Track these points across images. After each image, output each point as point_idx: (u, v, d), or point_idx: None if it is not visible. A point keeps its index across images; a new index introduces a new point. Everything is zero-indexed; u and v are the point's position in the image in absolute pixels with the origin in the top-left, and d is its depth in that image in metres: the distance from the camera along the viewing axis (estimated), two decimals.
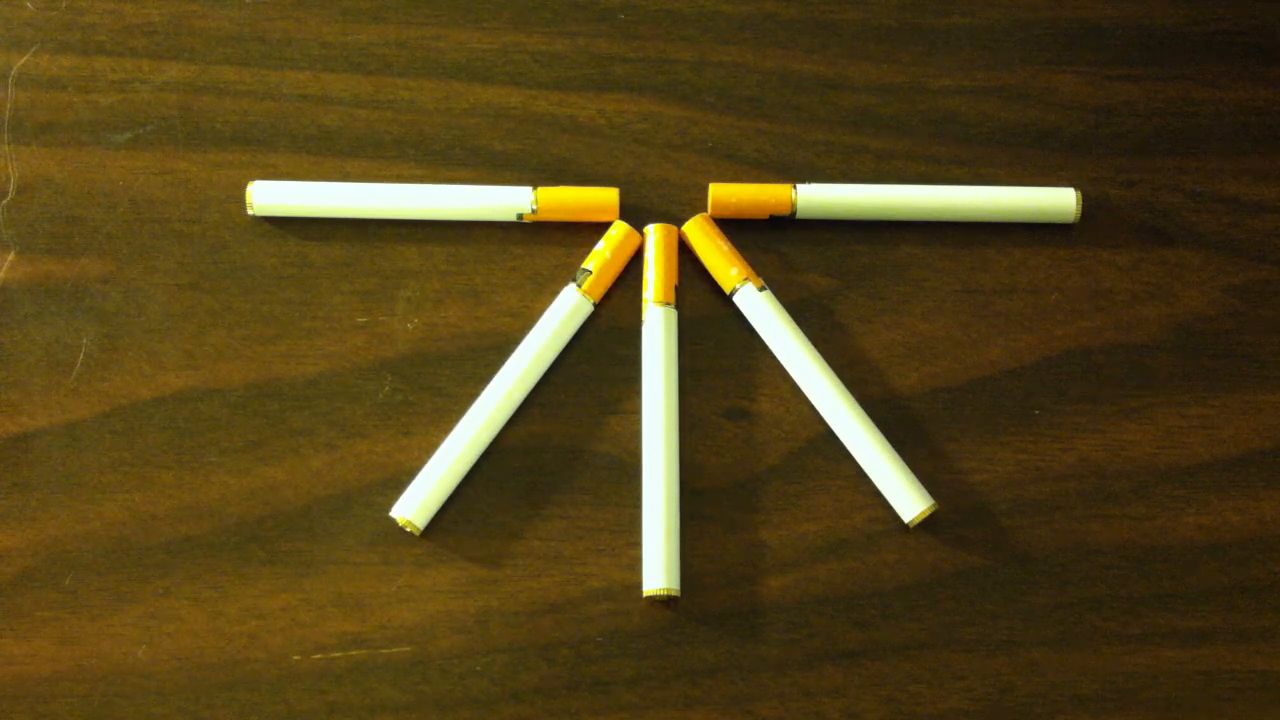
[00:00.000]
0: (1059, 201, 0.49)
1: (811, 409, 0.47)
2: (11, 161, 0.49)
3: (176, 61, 0.51)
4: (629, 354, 0.48)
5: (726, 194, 0.49)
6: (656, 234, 0.48)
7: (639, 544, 0.46)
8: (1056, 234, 0.50)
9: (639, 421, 0.47)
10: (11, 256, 0.49)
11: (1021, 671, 0.46)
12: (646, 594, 0.45)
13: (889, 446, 0.46)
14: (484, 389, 0.47)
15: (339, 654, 0.45)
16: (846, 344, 0.48)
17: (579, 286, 0.48)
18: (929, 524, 0.47)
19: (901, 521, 0.47)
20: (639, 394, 0.47)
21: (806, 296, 0.49)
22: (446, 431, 0.47)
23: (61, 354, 0.48)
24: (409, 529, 0.46)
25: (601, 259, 0.48)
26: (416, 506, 0.46)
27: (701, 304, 0.49)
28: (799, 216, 0.49)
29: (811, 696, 0.45)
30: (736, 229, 0.49)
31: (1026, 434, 0.48)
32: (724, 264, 0.48)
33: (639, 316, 0.49)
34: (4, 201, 0.49)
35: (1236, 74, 0.52)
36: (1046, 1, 0.52)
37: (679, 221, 0.49)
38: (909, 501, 0.46)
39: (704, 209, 0.49)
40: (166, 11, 0.51)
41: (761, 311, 0.48)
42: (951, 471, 0.47)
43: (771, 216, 0.49)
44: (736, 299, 0.48)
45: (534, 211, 0.48)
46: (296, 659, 0.45)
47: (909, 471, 0.46)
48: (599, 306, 0.48)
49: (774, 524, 0.47)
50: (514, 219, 0.49)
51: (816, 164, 0.50)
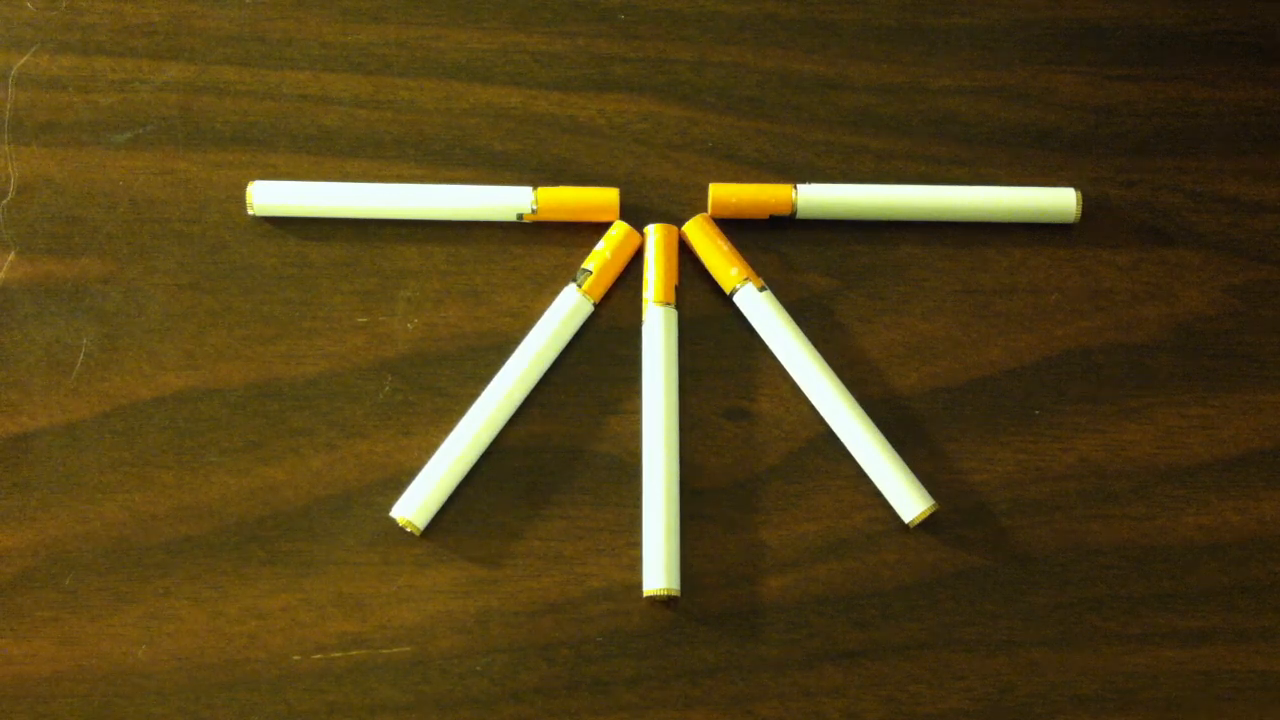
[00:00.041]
0: (1059, 201, 0.49)
1: (811, 409, 0.47)
2: (11, 161, 0.49)
3: (176, 61, 0.51)
4: (629, 354, 0.48)
5: (726, 194, 0.49)
6: (656, 234, 0.48)
7: (639, 544, 0.46)
8: (1056, 234, 0.50)
9: (639, 421, 0.47)
10: (11, 256, 0.49)
11: (1021, 671, 0.46)
12: (646, 594, 0.45)
13: (889, 446, 0.46)
14: (484, 389, 0.47)
15: (339, 654, 0.45)
16: (846, 344, 0.48)
17: (579, 286, 0.48)
18: (929, 524, 0.47)
19: (901, 521, 0.47)
20: (639, 394, 0.47)
21: (806, 296, 0.49)
22: (446, 431, 0.47)
23: (61, 354, 0.48)
24: (409, 529, 0.46)
25: (601, 259, 0.48)
26: (416, 506, 0.46)
27: (701, 304, 0.49)
28: (799, 216, 0.49)
29: (811, 696, 0.45)
30: (736, 229, 0.49)
31: (1026, 434, 0.48)
32: (724, 264, 0.48)
33: (639, 316, 0.49)
34: (4, 201, 0.49)
35: (1236, 74, 0.52)
36: (1046, 1, 0.52)
37: (679, 221, 0.49)
38: (909, 501, 0.46)
39: (704, 209, 0.49)
40: (166, 11, 0.51)
41: (761, 311, 0.48)
42: (951, 471, 0.47)
43: (771, 216, 0.49)
44: (736, 299, 0.48)
45: (534, 211, 0.48)
46: (296, 659, 0.45)
47: (909, 471, 0.46)
48: (599, 306, 0.48)
49: (774, 524, 0.47)
50: (514, 219, 0.49)
51: (816, 164, 0.50)
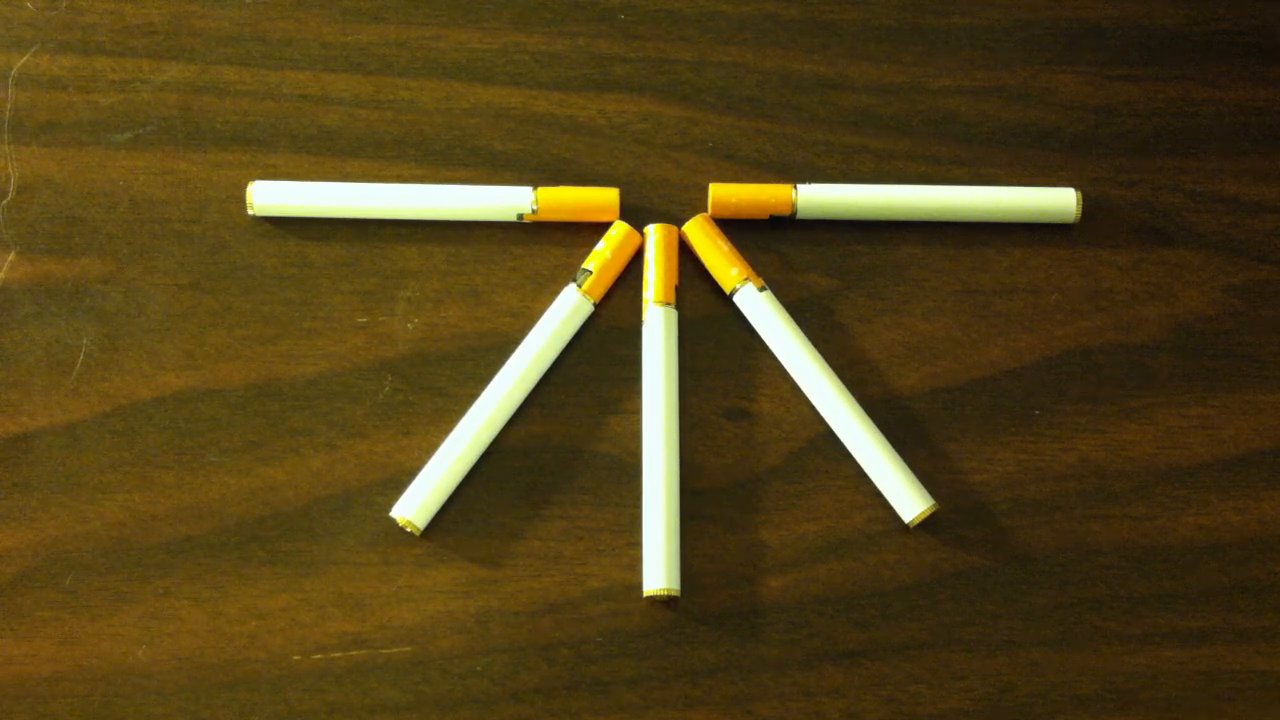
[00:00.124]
0: (1059, 201, 0.49)
1: (811, 409, 0.47)
2: (11, 161, 0.49)
3: (176, 61, 0.51)
4: (629, 354, 0.48)
5: (726, 194, 0.49)
6: (657, 234, 0.48)
7: (639, 544, 0.46)
8: (1056, 234, 0.50)
9: (639, 421, 0.47)
10: (11, 256, 0.49)
11: (1021, 671, 0.46)
12: (646, 594, 0.45)
13: (889, 446, 0.46)
14: (484, 389, 0.47)
15: (339, 654, 0.45)
16: (846, 344, 0.48)
17: (579, 286, 0.48)
18: (929, 524, 0.47)
19: (901, 521, 0.47)
20: (639, 394, 0.47)
21: (806, 296, 0.49)
22: (446, 431, 0.47)
23: (61, 354, 0.48)
24: (409, 529, 0.46)
25: (602, 259, 0.48)
26: (417, 506, 0.46)
27: (701, 304, 0.49)
28: (799, 216, 0.49)
29: (811, 696, 0.45)
30: (736, 229, 0.49)
31: (1026, 434, 0.48)
32: (724, 264, 0.48)
33: (639, 316, 0.49)
34: (4, 201, 0.49)
35: (1236, 74, 0.52)
36: (1046, 1, 0.52)
37: (679, 221, 0.49)
38: (909, 501, 0.46)
39: (704, 209, 0.49)
40: (166, 11, 0.51)
41: (761, 311, 0.48)
42: (951, 471, 0.47)
43: (772, 216, 0.49)
44: (736, 299, 0.48)
45: (534, 211, 0.48)
46: (296, 659, 0.45)
47: (909, 471, 0.46)
48: (599, 306, 0.48)
49: (774, 524, 0.47)
50: (514, 219, 0.49)
51: (816, 164, 0.50)
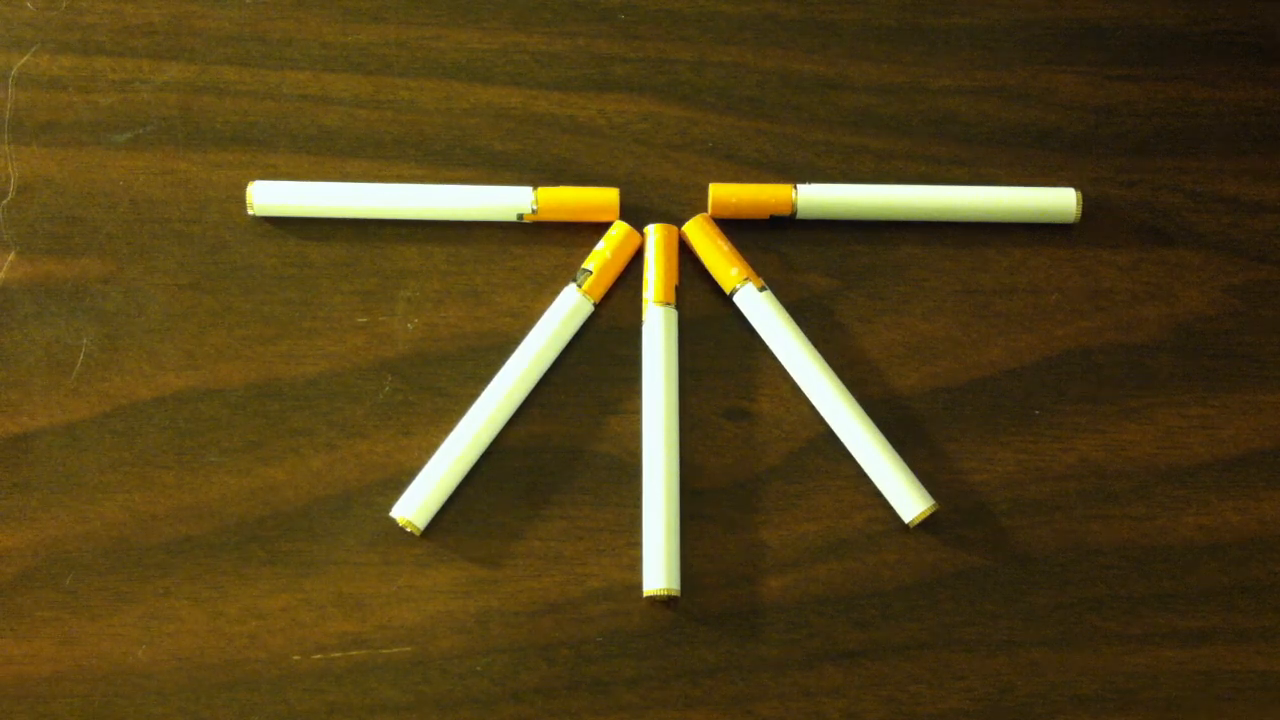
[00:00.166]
0: (1059, 201, 0.49)
1: (811, 409, 0.47)
2: (11, 161, 0.49)
3: (176, 61, 0.51)
4: (629, 354, 0.48)
5: (726, 194, 0.49)
6: (656, 234, 0.48)
7: (639, 544, 0.46)
8: (1056, 234, 0.50)
9: (639, 421, 0.47)
10: (11, 256, 0.49)
11: (1021, 671, 0.46)
12: (646, 594, 0.45)
13: (889, 446, 0.46)
14: (484, 389, 0.47)
15: (339, 654, 0.45)
16: (846, 344, 0.48)
17: (579, 286, 0.48)
18: (929, 524, 0.47)
19: (901, 521, 0.47)
20: (639, 394, 0.47)
21: (806, 296, 0.49)
22: (446, 431, 0.47)
23: (61, 354, 0.48)
24: (409, 529, 0.46)
25: (602, 259, 0.48)
26: (417, 506, 0.46)
27: (701, 304, 0.49)
28: (799, 216, 0.49)
29: (811, 696, 0.45)
30: (736, 229, 0.49)
31: (1026, 434, 0.48)
32: (724, 264, 0.48)
33: (639, 316, 0.49)
34: (4, 201, 0.49)
35: (1236, 74, 0.52)
36: (1046, 1, 0.52)
37: (679, 221, 0.49)
38: (909, 501, 0.46)
39: (704, 209, 0.49)
40: (166, 11, 0.51)
41: (761, 311, 0.48)
42: (951, 471, 0.47)
43: (772, 216, 0.49)
44: (736, 299, 0.48)
45: (534, 211, 0.48)
46: (296, 659, 0.45)
47: (909, 471, 0.46)
48: (599, 306, 0.48)
49: (774, 524, 0.47)
50: (514, 219, 0.49)
51: (816, 164, 0.50)
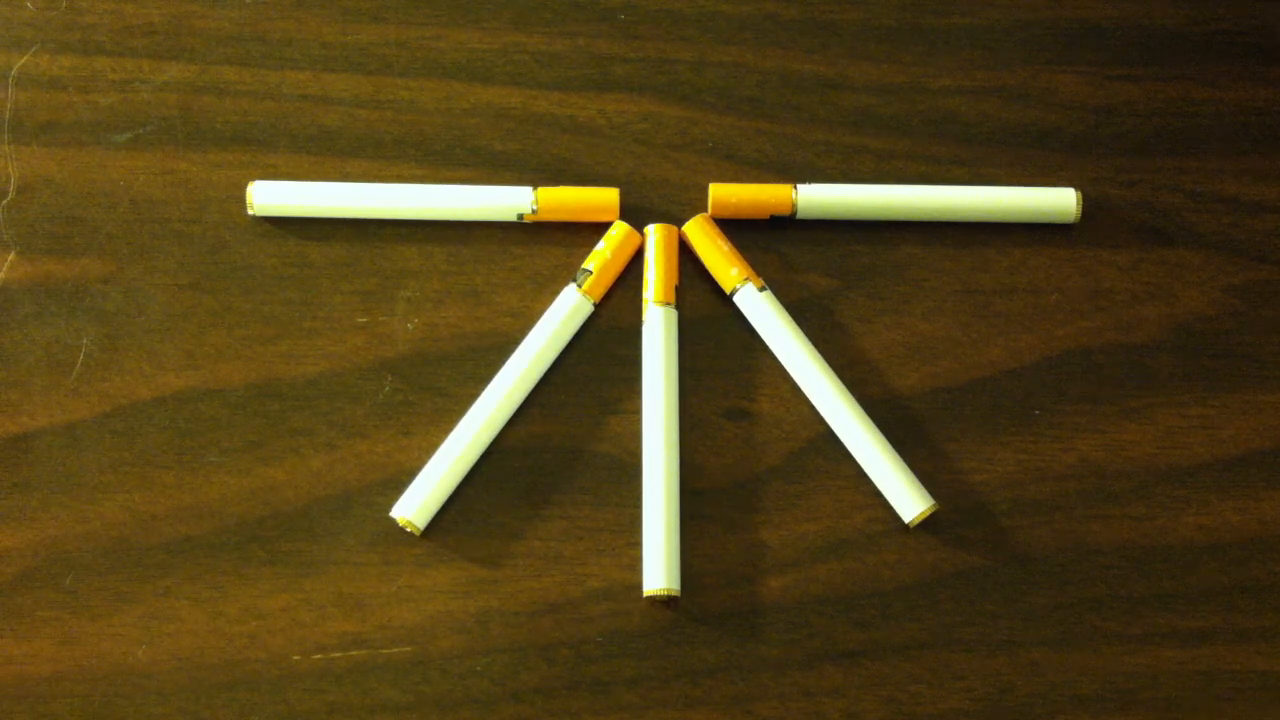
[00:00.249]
0: (1059, 201, 0.49)
1: (811, 409, 0.47)
2: (11, 161, 0.49)
3: (176, 61, 0.51)
4: (629, 354, 0.48)
5: (726, 194, 0.49)
6: (657, 234, 0.48)
7: (639, 544, 0.46)
8: (1056, 234, 0.50)
9: (639, 421, 0.47)
10: (11, 256, 0.49)
11: (1021, 671, 0.46)
12: (647, 594, 0.45)
13: (889, 446, 0.46)
14: (484, 389, 0.47)
15: (339, 654, 0.45)
16: (846, 344, 0.48)
17: (579, 286, 0.48)
18: (929, 524, 0.47)
19: (901, 521, 0.47)
20: (639, 394, 0.47)
21: (806, 296, 0.49)
22: (446, 431, 0.47)
23: (61, 354, 0.48)
24: (409, 529, 0.46)
25: (602, 259, 0.48)
26: (417, 506, 0.46)
27: (701, 304, 0.49)
28: (799, 216, 0.49)
29: (811, 696, 0.45)
30: (736, 229, 0.49)
31: (1026, 434, 0.48)
32: (724, 264, 0.48)
33: (639, 316, 0.49)
34: (4, 201, 0.49)
35: (1236, 74, 0.52)
36: (1046, 1, 0.52)
37: (679, 221, 0.49)
38: (909, 501, 0.46)
39: (704, 209, 0.49)
40: (166, 11, 0.51)
41: (761, 311, 0.48)
42: (951, 471, 0.47)
43: (772, 216, 0.49)
44: (736, 299, 0.48)
45: (534, 211, 0.48)
46: (296, 659, 0.45)
47: (909, 471, 0.46)
48: (599, 306, 0.48)
49: (774, 524, 0.47)
50: (514, 219, 0.49)
51: (816, 164, 0.50)
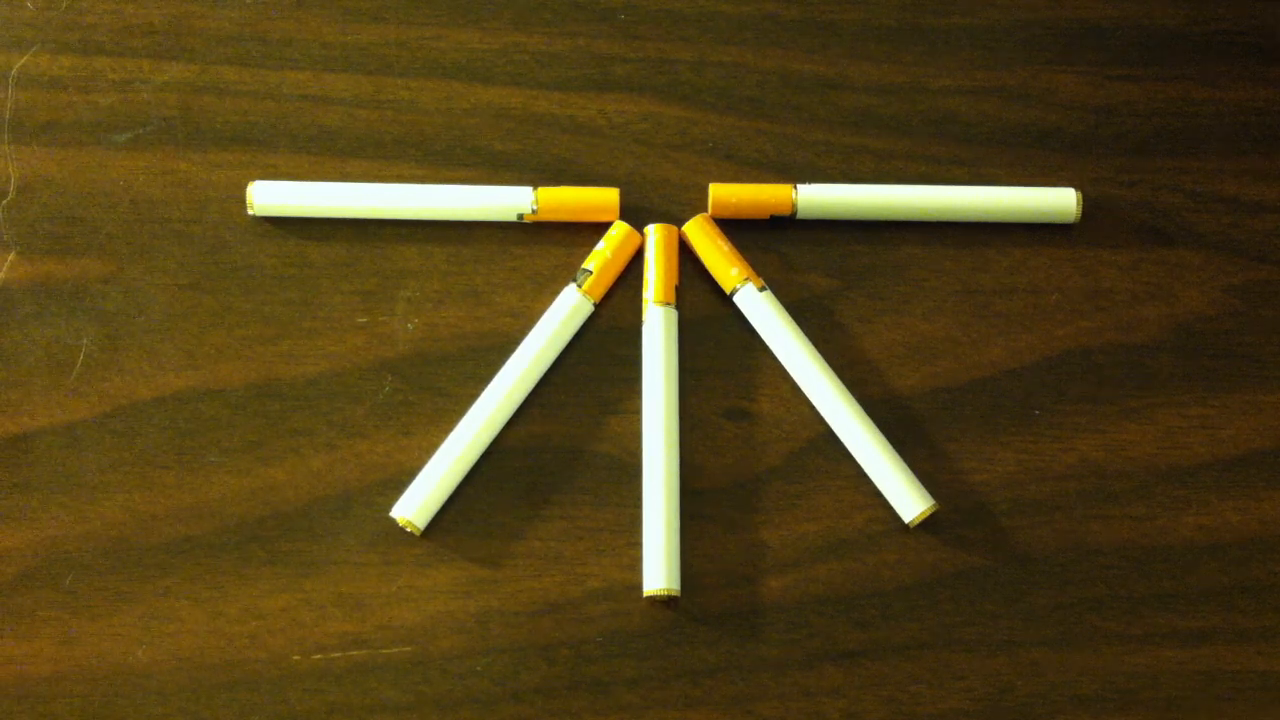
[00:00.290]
0: (1059, 201, 0.49)
1: (811, 409, 0.47)
2: (11, 161, 0.49)
3: (176, 61, 0.51)
4: (629, 354, 0.48)
5: (726, 194, 0.49)
6: (657, 234, 0.48)
7: (639, 544, 0.46)
8: (1056, 234, 0.50)
9: (639, 421, 0.47)
10: (11, 256, 0.49)
11: (1021, 671, 0.46)
12: (647, 594, 0.45)
13: (889, 446, 0.46)
14: (484, 389, 0.47)
15: (339, 654, 0.45)
16: (846, 344, 0.48)
17: (579, 286, 0.48)
18: (929, 524, 0.47)
19: (901, 521, 0.47)
20: (639, 394, 0.47)
21: (806, 296, 0.49)
22: (446, 431, 0.47)
23: (61, 354, 0.48)
24: (409, 529, 0.46)
25: (602, 259, 0.48)
26: (417, 506, 0.46)
27: (701, 304, 0.49)
28: (799, 216, 0.49)
29: (811, 696, 0.45)
30: (736, 229, 0.49)
31: (1026, 434, 0.48)
32: (724, 264, 0.48)
33: (639, 316, 0.49)
34: (4, 201, 0.49)
35: (1236, 74, 0.52)
36: (1046, 1, 0.52)
37: (679, 221, 0.49)
38: (909, 501, 0.46)
39: (704, 209, 0.49)
40: (166, 11, 0.51)
41: (761, 311, 0.48)
42: (951, 471, 0.47)
43: (772, 216, 0.49)
44: (736, 299, 0.48)
45: (534, 211, 0.48)
46: (296, 659, 0.45)
47: (909, 471, 0.46)
48: (599, 306, 0.48)
49: (774, 524, 0.47)
50: (514, 219, 0.49)
51: (816, 164, 0.50)
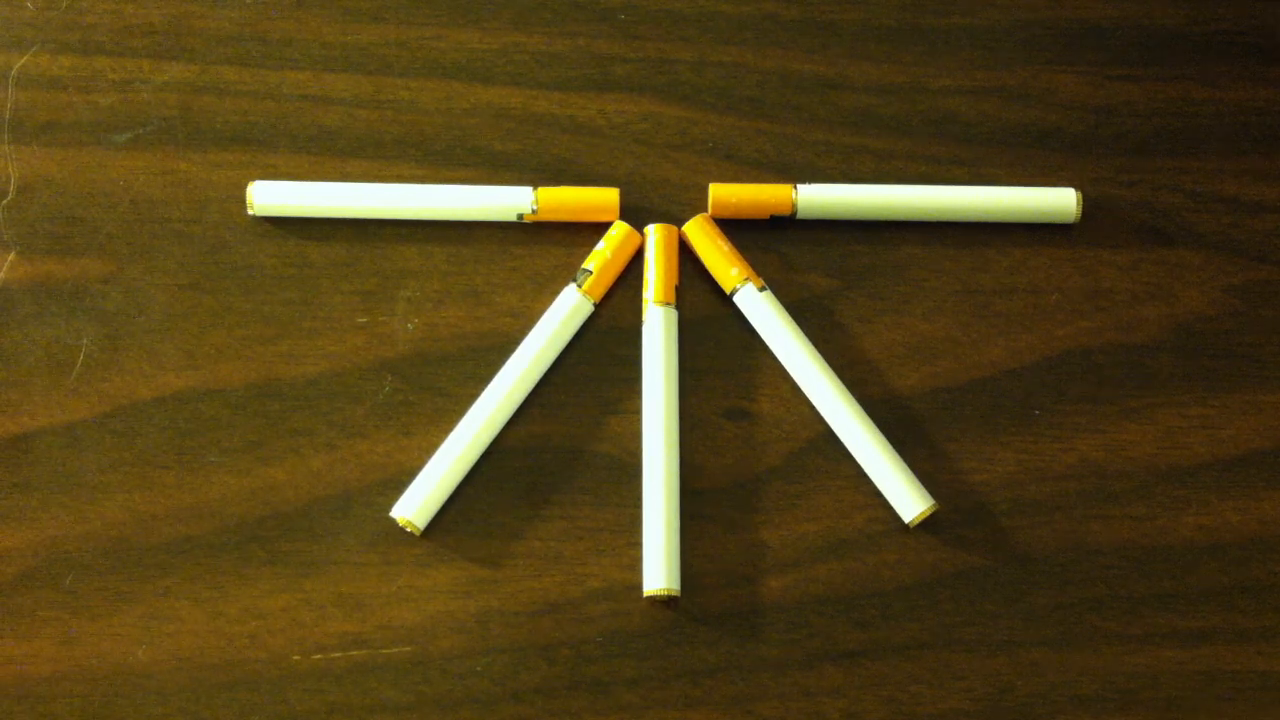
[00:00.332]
0: (1059, 201, 0.49)
1: (811, 409, 0.47)
2: (11, 161, 0.49)
3: (176, 61, 0.51)
4: (629, 354, 0.48)
5: (726, 194, 0.49)
6: (657, 234, 0.48)
7: (639, 544, 0.46)
8: (1056, 234, 0.50)
9: (639, 421, 0.47)
10: (11, 256, 0.49)
11: (1021, 671, 0.46)
12: (647, 594, 0.45)
13: (889, 446, 0.46)
14: (484, 389, 0.47)
15: (339, 654, 0.45)
16: (846, 344, 0.48)
17: (579, 286, 0.48)
18: (929, 524, 0.47)
19: (901, 521, 0.47)
20: (639, 394, 0.47)
21: (806, 296, 0.49)
22: (446, 431, 0.47)
23: (61, 354, 0.48)
24: (409, 529, 0.46)
25: (602, 259, 0.48)
26: (417, 506, 0.46)
27: (701, 304, 0.49)
28: (799, 216, 0.49)
29: (811, 696, 0.45)
30: (736, 229, 0.49)
31: (1026, 434, 0.48)
32: (724, 264, 0.48)
33: (639, 316, 0.49)
34: (4, 201, 0.49)
35: (1236, 74, 0.52)
36: (1046, 1, 0.52)
37: (679, 221, 0.49)
38: (909, 501, 0.46)
39: (704, 209, 0.49)
40: (166, 11, 0.51)
41: (761, 311, 0.48)
42: (951, 471, 0.47)
43: (772, 216, 0.49)
44: (736, 299, 0.48)
45: (534, 211, 0.48)
46: (296, 659, 0.45)
47: (909, 471, 0.46)
48: (599, 306, 0.48)
49: (774, 524, 0.47)
50: (514, 219, 0.49)
51: (816, 164, 0.50)
